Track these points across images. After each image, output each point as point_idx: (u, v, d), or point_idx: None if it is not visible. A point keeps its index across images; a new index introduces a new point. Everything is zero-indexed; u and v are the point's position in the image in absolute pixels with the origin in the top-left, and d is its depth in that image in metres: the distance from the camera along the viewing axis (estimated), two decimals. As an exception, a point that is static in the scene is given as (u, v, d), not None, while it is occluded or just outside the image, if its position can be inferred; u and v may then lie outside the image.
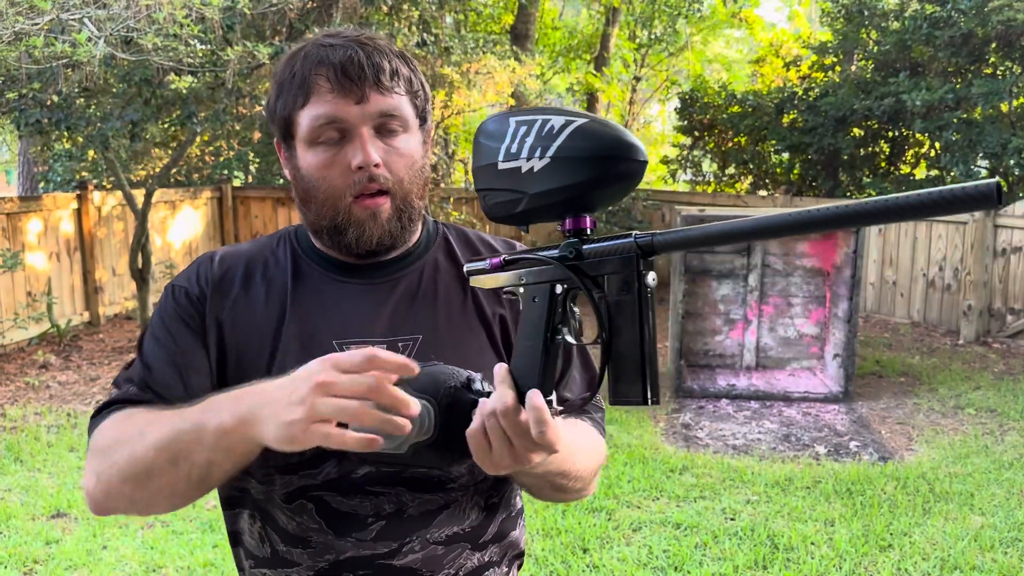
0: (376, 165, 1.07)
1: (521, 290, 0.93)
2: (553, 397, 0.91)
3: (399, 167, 1.10)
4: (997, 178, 0.66)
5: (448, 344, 1.13)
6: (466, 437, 0.91)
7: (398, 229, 1.12)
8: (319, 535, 1.10)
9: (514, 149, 0.89)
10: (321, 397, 0.84)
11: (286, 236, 1.22)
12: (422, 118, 1.14)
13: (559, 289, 0.91)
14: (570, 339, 0.92)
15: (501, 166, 0.90)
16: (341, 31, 1.12)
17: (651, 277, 0.87)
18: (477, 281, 0.98)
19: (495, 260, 0.95)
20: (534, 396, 0.86)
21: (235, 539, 1.22)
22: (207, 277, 1.15)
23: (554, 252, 0.91)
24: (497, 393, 0.90)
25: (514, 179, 0.89)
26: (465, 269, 0.98)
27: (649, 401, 0.86)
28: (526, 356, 0.91)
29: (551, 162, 0.87)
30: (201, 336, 1.12)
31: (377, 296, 1.15)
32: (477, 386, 0.96)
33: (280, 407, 0.86)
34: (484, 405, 0.90)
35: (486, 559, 1.19)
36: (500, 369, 0.91)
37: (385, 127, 1.09)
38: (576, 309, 0.93)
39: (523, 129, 0.89)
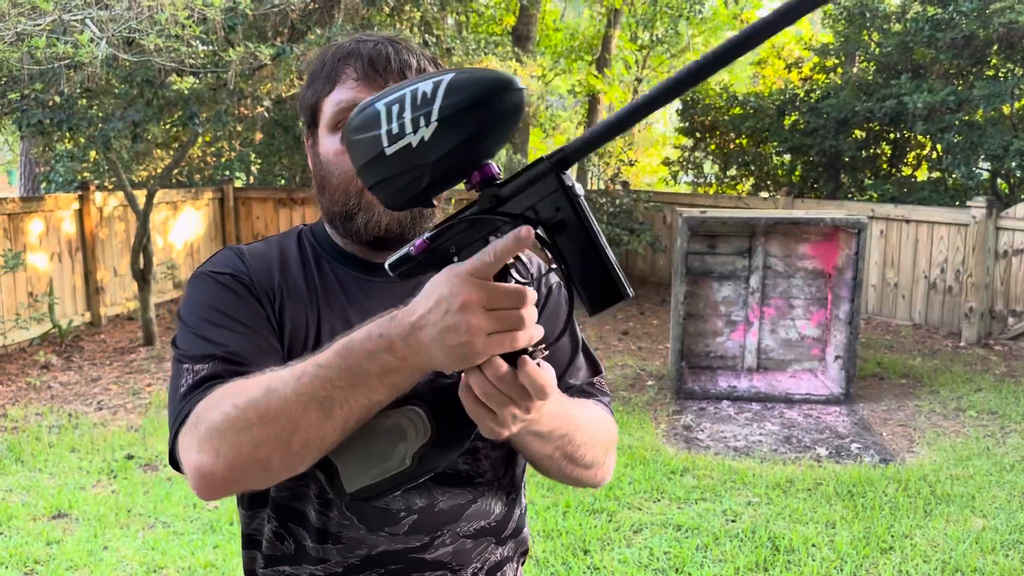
0: None
1: (457, 259, 0.90)
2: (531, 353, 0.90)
3: None
4: None
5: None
6: (467, 414, 0.89)
7: (407, 218, 1.13)
8: (351, 531, 1.11)
9: (396, 130, 0.87)
10: (478, 317, 0.81)
11: (302, 235, 1.22)
12: None
13: (493, 239, 0.89)
14: (522, 279, 0.90)
15: (389, 151, 0.88)
16: (377, 32, 1.15)
17: (578, 187, 0.85)
18: (407, 273, 0.92)
19: (419, 243, 0.90)
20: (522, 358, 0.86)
21: (250, 541, 1.20)
22: (246, 266, 1.14)
23: (475, 208, 0.89)
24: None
25: (408, 157, 0.87)
26: (387, 264, 0.92)
27: (628, 294, 0.84)
28: None
29: (439, 124, 0.85)
30: (263, 309, 1.10)
31: (400, 293, 1.15)
32: (448, 374, 0.94)
33: (440, 338, 0.82)
34: (470, 379, 0.88)
35: (506, 554, 1.22)
36: None
37: None
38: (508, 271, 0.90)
39: (395, 108, 0.87)
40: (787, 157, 10.61)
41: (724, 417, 5.31)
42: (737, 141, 10.89)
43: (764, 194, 10.76)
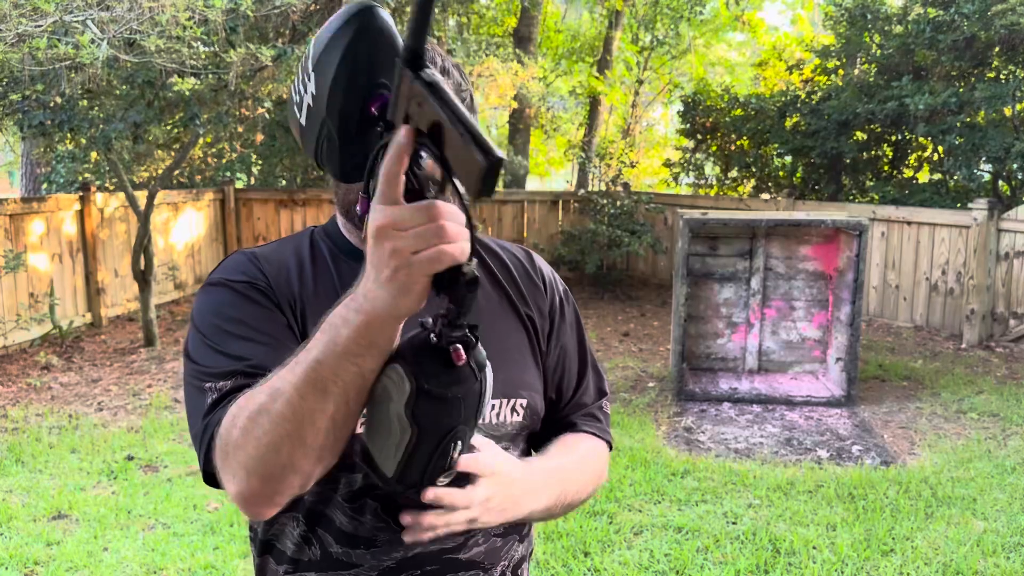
0: None
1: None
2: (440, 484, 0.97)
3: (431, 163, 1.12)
4: None
5: (491, 343, 1.10)
6: (451, 359, 0.89)
7: None
8: (386, 533, 1.10)
9: (297, 99, 0.97)
10: (394, 240, 0.80)
11: (315, 235, 1.21)
12: None
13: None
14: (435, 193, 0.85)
15: (304, 121, 0.95)
16: None
17: (437, 77, 0.79)
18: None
19: (361, 202, 0.88)
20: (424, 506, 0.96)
21: (267, 547, 1.19)
22: (262, 272, 1.12)
23: (378, 143, 0.86)
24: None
25: (312, 118, 0.95)
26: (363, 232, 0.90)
27: (497, 155, 0.75)
28: None
29: (316, 74, 0.93)
30: (283, 316, 1.09)
31: None
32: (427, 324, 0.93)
33: (376, 274, 0.82)
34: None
35: (523, 552, 1.25)
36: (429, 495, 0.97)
37: None
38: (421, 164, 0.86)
39: (296, 81, 0.98)
40: (788, 159, 10.61)
41: (725, 419, 5.31)
42: (738, 143, 10.89)
43: (765, 196, 10.76)
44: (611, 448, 1.34)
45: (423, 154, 0.82)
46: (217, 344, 1.05)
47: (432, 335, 0.88)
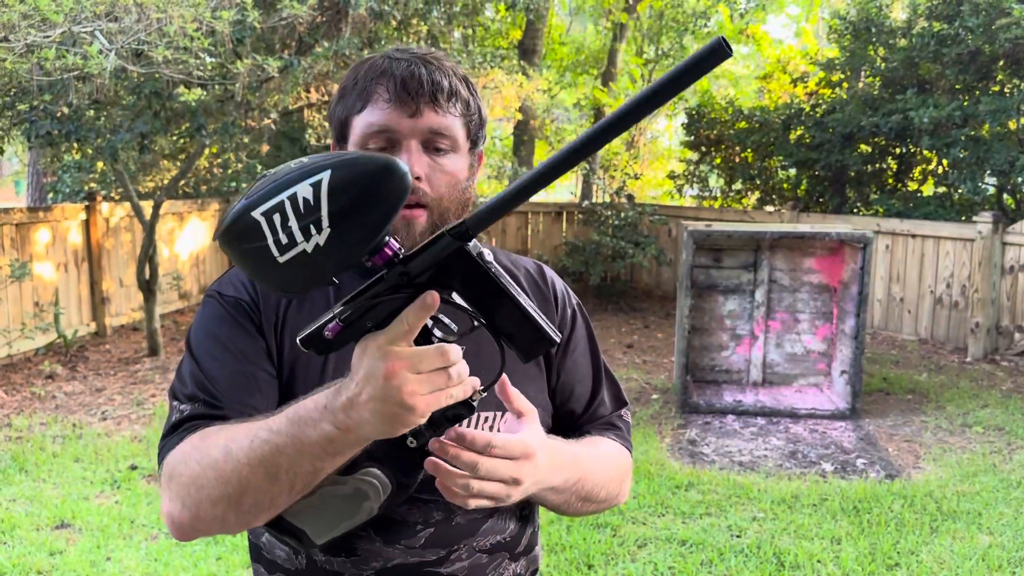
0: (417, 178, 1.08)
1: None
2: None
3: (441, 183, 1.11)
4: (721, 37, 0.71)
5: (488, 356, 1.13)
6: (414, 456, 0.96)
7: (439, 226, 1.13)
8: (366, 542, 1.10)
9: (285, 240, 0.84)
10: (407, 383, 0.84)
11: None
12: (473, 142, 1.16)
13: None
14: (451, 337, 0.92)
15: (282, 260, 0.85)
16: (412, 48, 1.15)
17: (486, 252, 0.88)
18: (321, 350, 0.91)
19: (333, 326, 0.89)
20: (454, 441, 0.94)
21: (257, 554, 1.20)
22: (254, 288, 1.16)
23: (383, 287, 0.88)
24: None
25: (306, 262, 0.85)
26: (299, 340, 0.91)
27: (556, 339, 0.89)
28: None
29: (332, 230, 0.83)
30: (262, 339, 1.12)
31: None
32: None
33: (373, 405, 0.85)
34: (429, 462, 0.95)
35: (518, 571, 1.22)
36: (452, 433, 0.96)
37: (433, 144, 1.10)
38: (431, 332, 0.93)
39: (277, 217, 0.84)
40: (792, 171, 10.61)
41: (729, 431, 5.29)
42: (742, 155, 10.90)
43: (769, 208, 10.76)
44: (631, 452, 1.32)
45: (442, 318, 0.93)
46: (196, 357, 1.11)
47: (410, 439, 0.94)
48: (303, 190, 0.83)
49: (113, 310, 7.93)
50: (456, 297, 0.89)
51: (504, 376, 1.00)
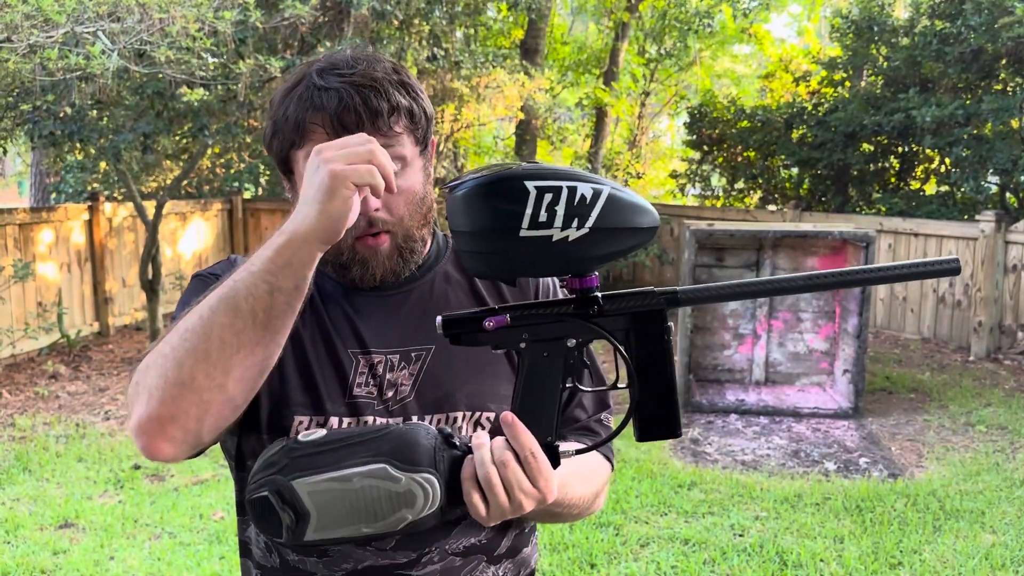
0: (376, 210, 1.07)
1: (523, 345, 0.93)
2: (569, 447, 0.96)
3: (398, 205, 1.10)
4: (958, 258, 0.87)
5: (461, 354, 1.12)
6: (463, 495, 0.94)
7: (400, 264, 1.13)
8: (337, 543, 1.09)
9: (543, 217, 0.86)
10: (330, 162, 0.90)
11: None
12: (423, 144, 1.13)
13: (572, 343, 0.93)
14: (584, 387, 0.96)
15: (524, 234, 0.87)
16: (336, 63, 1.09)
17: (671, 327, 0.93)
18: (460, 338, 0.94)
19: (497, 319, 0.91)
20: (540, 450, 0.93)
21: (244, 549, 1.21)
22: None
23: (567, 308, 0.92)
24: (498, 445, 0.93)
25: (541, 246, 0.87)
26: (442, 318, 0.93)
27: (680, 434, 0.92)
28: (537, 406, 0.93)
29: (591, 232, 0.88)
30: None
31: (389, 307, 1.16)
32: (456, 441, 0.96)
33: (305, 192, 0.92)
34: (483, 459, 0.92)
35: (500, 573, 1.19)
36: (509, 418, 0.93)
37: None
38: (586, 360, 0.96)
39: (548, 196, 0.86)
40: (795, 170, 10.61)
41: (732, 431, 5.29)
42: (745, 154, 10.89)
43: (772, 207, 10.75)
44: (612, 466, 1.26)
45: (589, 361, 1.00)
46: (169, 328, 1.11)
47: (458, 453, 0.94)
48: (584, 188, 0.87)
49: (116, 310, 7.94)
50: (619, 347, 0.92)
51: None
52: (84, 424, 5.31)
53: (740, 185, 11.29)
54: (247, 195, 10.99)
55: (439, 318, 0.94)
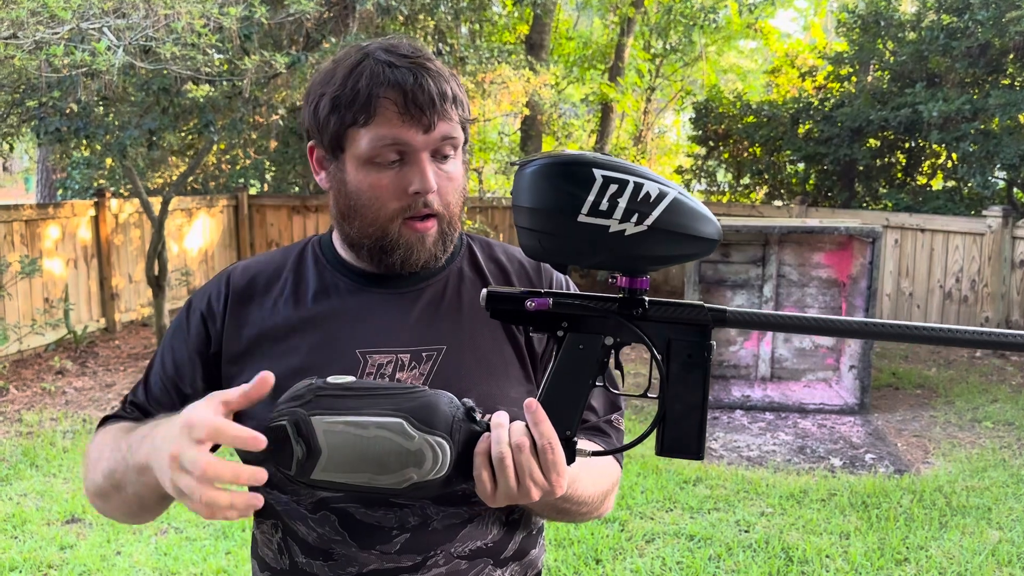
0: (432, 192, 1.08)
1: (560, 333, 0.94)
2: (585, 446, 0.95)
3: (448, 191, 1.11)
4: None
5: (472, 355, 1.12)
6: (473, 471, 0.93)
7: (441, 251, 1.14)
8: (342, 547, 1.09)
9: (604, 206, 0.87)
10: (176, 471, 0.90)
11: (309, 246, 1.23)
12: (465, 135, 1.15)
13: (609, 341, 0.93)
14: (613, 389, 0.96)
15: (582, 219, 0.88)
16: (397, 45, 1.10)
17: (713, 347, 0.93)
18: (502, 313, 0.95)
19: (540, 302, 0.92)
20: (558, 442, 0.92)
21: (253, 547, 1.22)
22: (224, 294, 1.17)
23: (612, 305, 0.91)
24: (517, 428, 0.92)
25: (595, 234, 0.88)
26: (488, 290, 0.95)
27: (702, 456, 0.92)
28: (562, 398, 0.93)
29: (650, 230, 0.88)
30: (202, 358, 1.16)
31: (402, 306, 1.15)
32: (477, 416, 0.95)
33: (162, 462, 0.92)
34: (500, 439, 0.91)
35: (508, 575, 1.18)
36: (533, 406, 0.92)
37: (440, 151, 1.09)
38: (620, 361, 0.96)
39: (613, 187, 0.87)
40: (801, 166, 10.58)
41: (737, 427, 5.29)
42: (751, 149, 10.87)
43: (778, 203, 10.72)
44: (620, 468, 1.25)
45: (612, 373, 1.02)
46: (154, 357, 1.21)
47: (476, 429, 0.93)
48: (651, 187, 0.88)
49: (122, 306, 7.96)
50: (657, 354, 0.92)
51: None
52: (91, 420, 5.33)
53: (746, 180, 11.26)
54: (252, 191, 11.00)
55: (484, 291, 0.96)
